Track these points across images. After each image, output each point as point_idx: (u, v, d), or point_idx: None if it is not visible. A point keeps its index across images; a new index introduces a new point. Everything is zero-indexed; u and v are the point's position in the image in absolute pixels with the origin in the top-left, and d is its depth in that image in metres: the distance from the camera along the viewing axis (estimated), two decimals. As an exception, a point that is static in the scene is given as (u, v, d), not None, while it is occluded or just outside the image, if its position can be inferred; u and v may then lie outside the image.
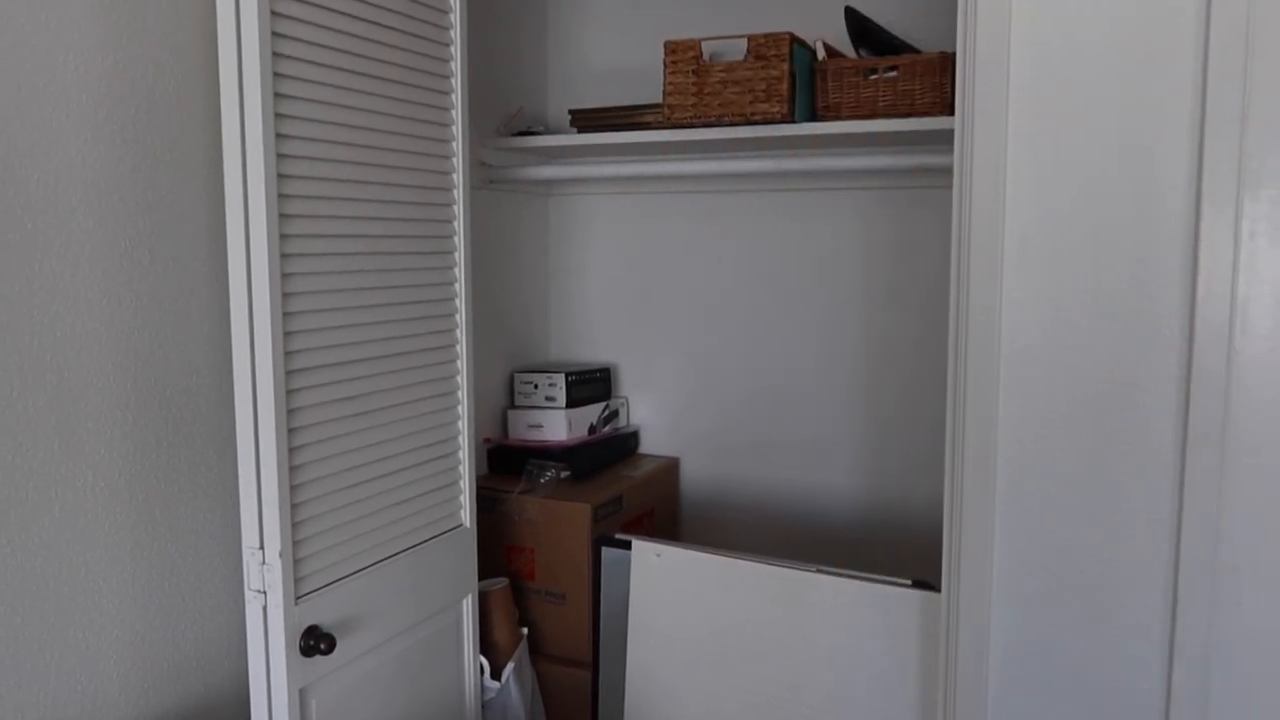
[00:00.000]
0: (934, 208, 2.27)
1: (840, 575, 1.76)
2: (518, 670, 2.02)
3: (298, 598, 1.48)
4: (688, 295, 2.53)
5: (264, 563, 1.45)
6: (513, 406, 2.47)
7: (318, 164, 1.50)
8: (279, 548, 1.44)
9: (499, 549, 2.22)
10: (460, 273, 1.85)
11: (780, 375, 2.45)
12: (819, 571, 1.77)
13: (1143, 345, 1.34)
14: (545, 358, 2.70)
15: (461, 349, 1.87)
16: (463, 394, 1.88)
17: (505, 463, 2.38)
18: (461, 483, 1.89)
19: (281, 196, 1.43)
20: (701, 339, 2.53)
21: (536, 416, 2.40)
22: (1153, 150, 1.31)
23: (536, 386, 2.43)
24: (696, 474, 2.57)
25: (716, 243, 2.49)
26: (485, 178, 2.35)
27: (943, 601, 1.49)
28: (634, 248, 2.58)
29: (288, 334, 1.45)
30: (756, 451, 2.49)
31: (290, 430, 1.46)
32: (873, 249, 2.34)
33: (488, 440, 2.41)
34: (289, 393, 1.46)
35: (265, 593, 1.46)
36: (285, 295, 1.44)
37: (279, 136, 1.42)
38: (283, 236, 1.44)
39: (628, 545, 1.97)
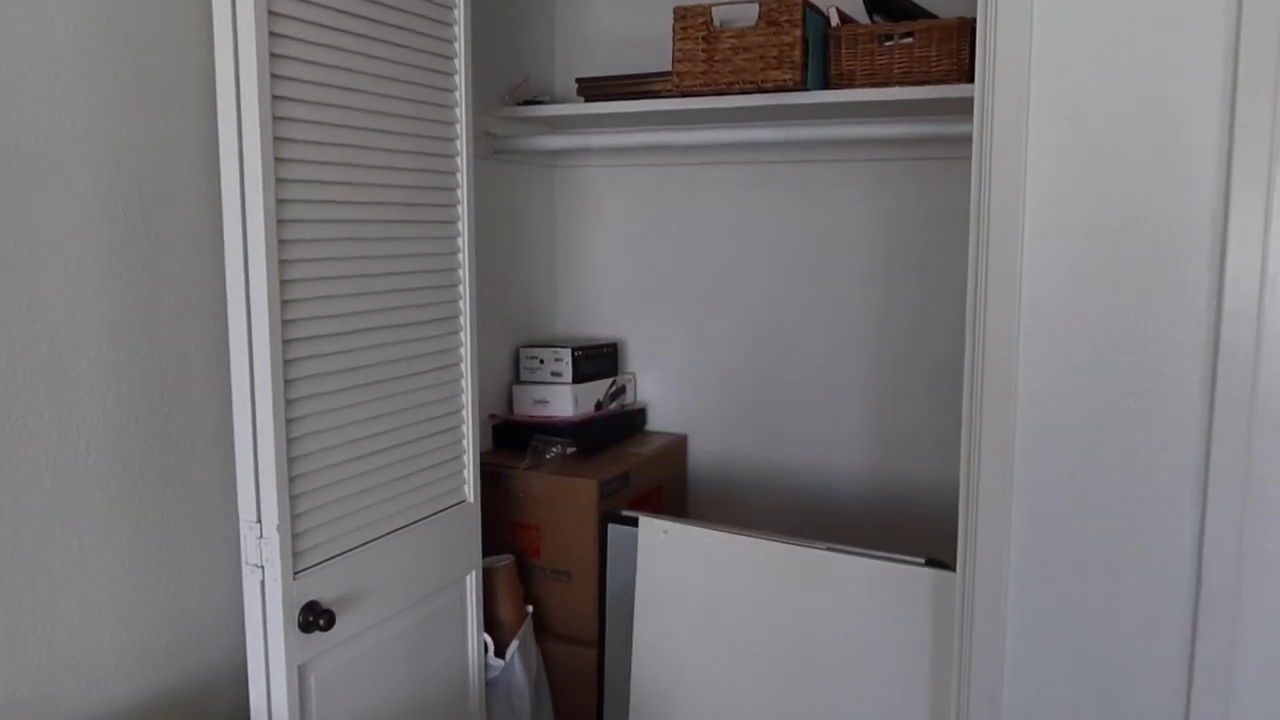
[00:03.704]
0: (947, 179, 2.22)
1: (852, 554, 1.72)
2: (522, 649, 1.99)
3: (296, 572, 1.45)
4: (697, 269, 2.49)
5: (261, 536, 1.42)
6: (518, 382, 2.43)
7: (315, 128, 1.45)
8: (276, 521, 1.41)
9: (504, 526, 2.19)
10: (464, 243, 1.81)
11: (790, 351, 2.40)
12: (830, 550, 1.73)
13: (1168, 317, 1.29)
14: (552, 332, 2.66)
15: (465, 321, 1.83)
16: (466, 367, 1.84)
17: (510, 439, 2.35)
18: (465, 457, 1.85)
19: (278, 161, 1.39)
20: (710, 314, 2.48)
21: (542, 392, 2.37)
22: (1181, 116, 1.26)
23: (542, 361, 2.39)
24: (705, 451, 2.53)
25: (726, 215, 2.44)
26: (490, 148, 2.30)
27: (958, 581, 1.45)
28: (642, 220, 2.53)
29: (285, 303, 1.41)
30: (766, 429, 2.45)
31: (288, 402, 1.43)
32: (885, 222, 2.29)
33: (493, 416, 2.37)
34: (287, 363, 1.42)
35: (263, 567, 1.43)
36: (282, 263, 1.40)
37: (275, 99, 1.38)
38: (279, 202, 1.39)
39: (634, 522, 1.93)
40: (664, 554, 1.89)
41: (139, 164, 1.41)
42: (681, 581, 1.88)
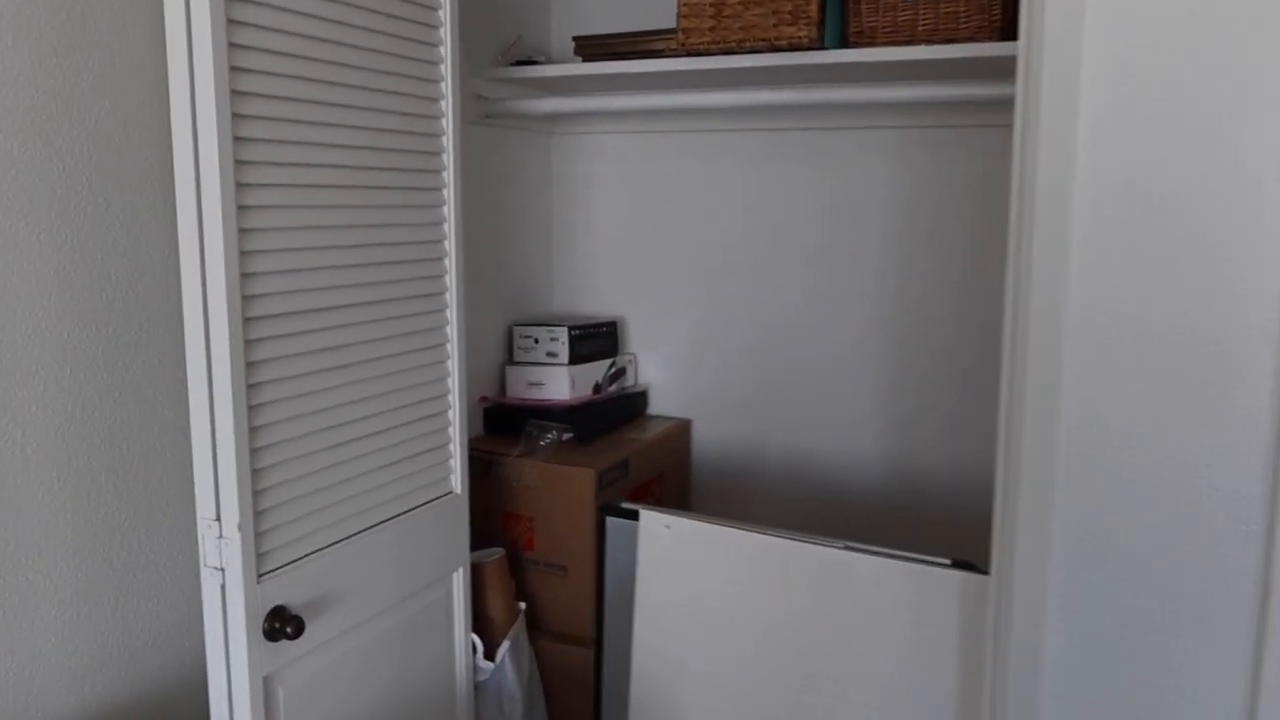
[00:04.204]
0: (974, 147, 2.06)
1: (871, 553, 1.58)
2: (514, 649, 1.86)
3: (260, 575, 1.32)
4: (702, 243, 2.34)
5: (221, 536, 1.28)
6: (511, 363, 2.29)
7: (280, 82, 1.30)
8: (237, 519, 1.27)
9: (495, 517, 2.05)
10: (450, 213, 1.66)
11: (802, 331, 2.26)
12: (847, 549, 1.59)
13: (1236, 300, 1.14)
14: (547, 310, 2.51)
15: (452, 298, 1.68)
16: (453, 348, 1.69)
17: (503, 423, 2.20)
18: (452, 445, 1.71)
19: (238, 118, 1.24)
20: (717, 291, 2.34)
21: (537, 374, 2.22)
22: (1262, 71, 1.11)
23: (537, 341, 2.25)
24: (710, 437, 2.39)
25: (734, 186, 2.29)
26: (481, 112, 2.14)
27: (991, 586, 1.32)
28: (644, 191, 2.38)
29: (246, 276, 1.26)
30: (776, 414, 2.31)
31: (250, 386, 1.28)
32: (907, 193, 2.13)
33: (484, 399, 2.23)
34: (249, 343, 1.28)
35: (223, 570, 1.29)
36: (243, 232, 1.26)
37: (233, 47, 1.22)
38: (239, 164, 1.24)
39: (635, 515, 1.80)
40: (667, 550, 1.76)
41: (84, 118, 1.26)
42: (685, 579, 1.74)
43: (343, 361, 1.44)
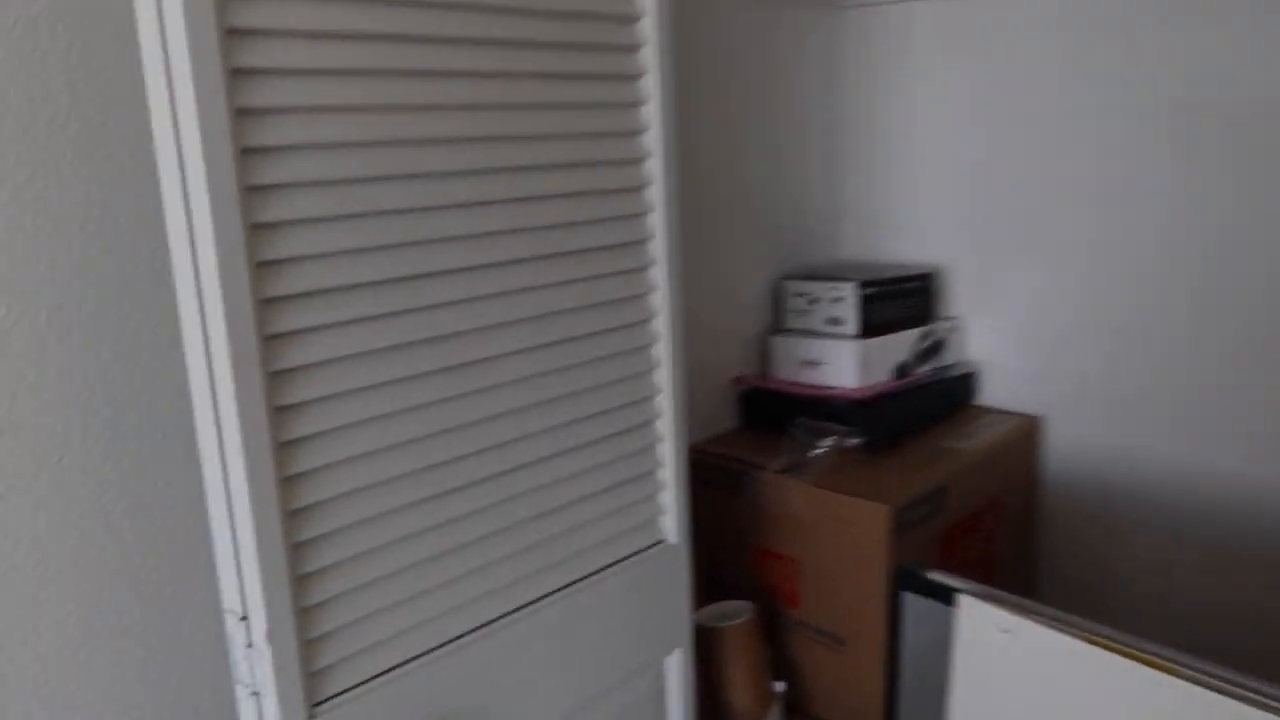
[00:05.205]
0: None
1: None
2: (762, 758, 1.28)
3: (317, 704, 0.83)
4: (1067, 159, 1.55)
5: (250, 644, 0.81)
6: (779, 330, 1.66)
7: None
8: (266, 625, 0.79)
9: (746, 553, 1.46)
10: (654, 116, 1.07)
11: (1234, 290, 1.42)
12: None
13: None
14: (832, 256, 1.84)
15: (660, 247, 1.09)
16: (664, 322, 1.11)
17: (764, 414, 1.60)
18: (662, 472, 1.14)
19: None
20: (1087, 226, 1.55)
21: (813, 348, 1.58)
22: None
23: (814, 301, 1.60)
24: (1073, 447, 1.62)
25: (1119, 69, 1.47)
26: (733, -25, 1.51)
27: None
28: (980, 83, 1.63)
29: (257, 227, 0.75)
30: (1186, 417, 1.50)
31: (278, 410, 0.78)
32: None
33: (739, 380, 1.63)
34: (268, 341, 0.77)
35: (258, 694, 0.82)
36: (247, 153, 0.74)
37: None
38: (230, 33, 0.73)
39: (949, 596, 1.12)
40: (1003, 664, 1.07)
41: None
42: (1034, 713, 1.05)
43: (459, 359, 0.90)
